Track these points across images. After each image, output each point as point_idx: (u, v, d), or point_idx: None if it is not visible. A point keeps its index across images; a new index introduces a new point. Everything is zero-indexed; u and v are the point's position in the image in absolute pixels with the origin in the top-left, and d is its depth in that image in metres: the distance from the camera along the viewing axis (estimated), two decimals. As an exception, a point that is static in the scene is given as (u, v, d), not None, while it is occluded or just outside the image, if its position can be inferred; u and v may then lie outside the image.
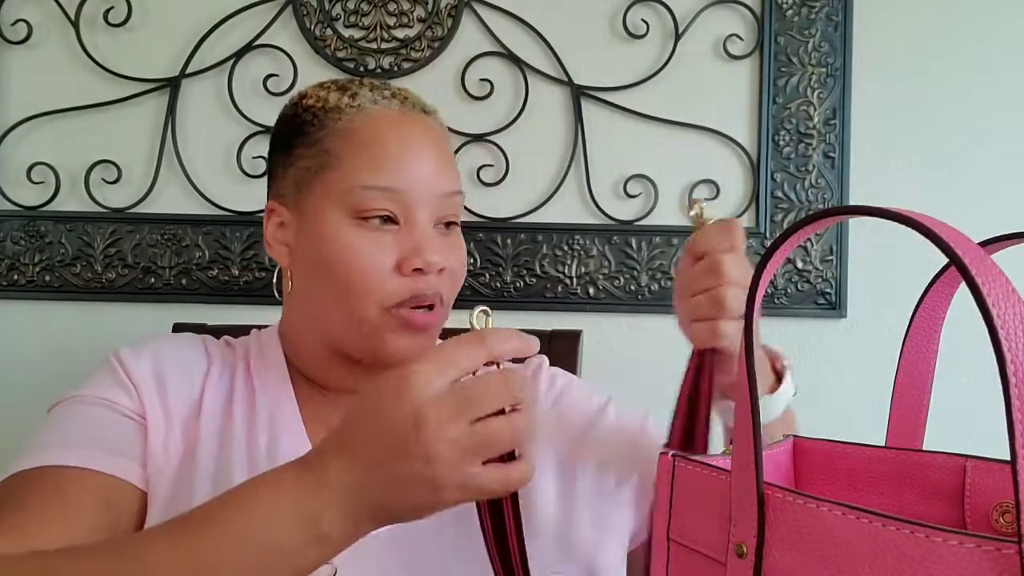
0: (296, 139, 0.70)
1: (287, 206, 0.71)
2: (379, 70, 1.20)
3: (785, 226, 1.19)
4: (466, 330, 0.50)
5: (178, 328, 1.04)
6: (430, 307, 0.68)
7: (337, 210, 0.67)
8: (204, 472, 0.67)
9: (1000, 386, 0.28)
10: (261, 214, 1.19)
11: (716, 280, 0.58)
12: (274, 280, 0.76)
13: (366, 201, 0.67)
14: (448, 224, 0.71)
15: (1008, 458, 0.27)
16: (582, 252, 1.20)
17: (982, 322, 0.29)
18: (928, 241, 0.31)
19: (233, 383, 0.73)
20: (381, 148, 0.68)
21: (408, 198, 0.67)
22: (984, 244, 0.39)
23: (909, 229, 0.32)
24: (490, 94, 1.20)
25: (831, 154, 1.19)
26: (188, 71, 1.19)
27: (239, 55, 1.20)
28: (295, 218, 0.70)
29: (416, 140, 0.69)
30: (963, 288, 0.32)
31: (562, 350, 0.97)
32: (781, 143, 1.19)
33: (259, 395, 0.71)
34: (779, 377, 0.64)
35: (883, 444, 0.48)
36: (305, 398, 0.73)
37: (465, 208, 1.19)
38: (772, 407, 0.62)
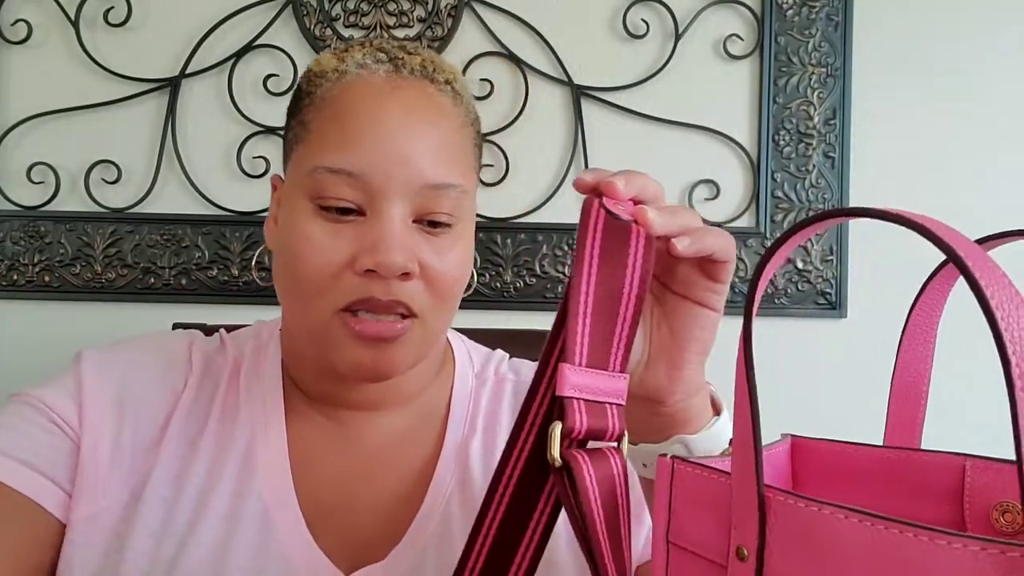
0: (291, 107, 0.63)
1: (283, 181, 0.63)
2: (379, 70, 1.20)
3: (785, 226, 1.19)
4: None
5: (178, 328, 1.04)
6: (401, 316, 0.57)
7: (300, 192, 0.58)
8: (150, 508, 0.59)
9: (1001, 386, 0.28)
10: (261, 214, 1.20)
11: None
12: (254, 262, 0.70)
13: (325, 187, 0.56)
14: (434, 223, 0.58)
15: (1007, 457, 0.27)
16: (582, 252, 1.19)
17: (978, 320, 0.28)
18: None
19: (212, 400, 0.65)
20: (346, 124, 0.57)
21: (374, 186, 0.56)
22: (979, 242, 0.38)
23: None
24: (490, 94, 1.19)
25: (831, 154, 1.19)
26: (188, 71, 1.19)
27: (239, 55, 1.20)
28: (283, 195, 0.62)
29: (395, 114, 0.57)
30: (959, 286, 0.31)
31: (562, 350, 0.97)
32: (781, 143, 1.19)
33: (242, 414, 0.64)
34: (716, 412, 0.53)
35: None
36: (295, 410, 0.65)
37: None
38: (713, 441, 0.51)
